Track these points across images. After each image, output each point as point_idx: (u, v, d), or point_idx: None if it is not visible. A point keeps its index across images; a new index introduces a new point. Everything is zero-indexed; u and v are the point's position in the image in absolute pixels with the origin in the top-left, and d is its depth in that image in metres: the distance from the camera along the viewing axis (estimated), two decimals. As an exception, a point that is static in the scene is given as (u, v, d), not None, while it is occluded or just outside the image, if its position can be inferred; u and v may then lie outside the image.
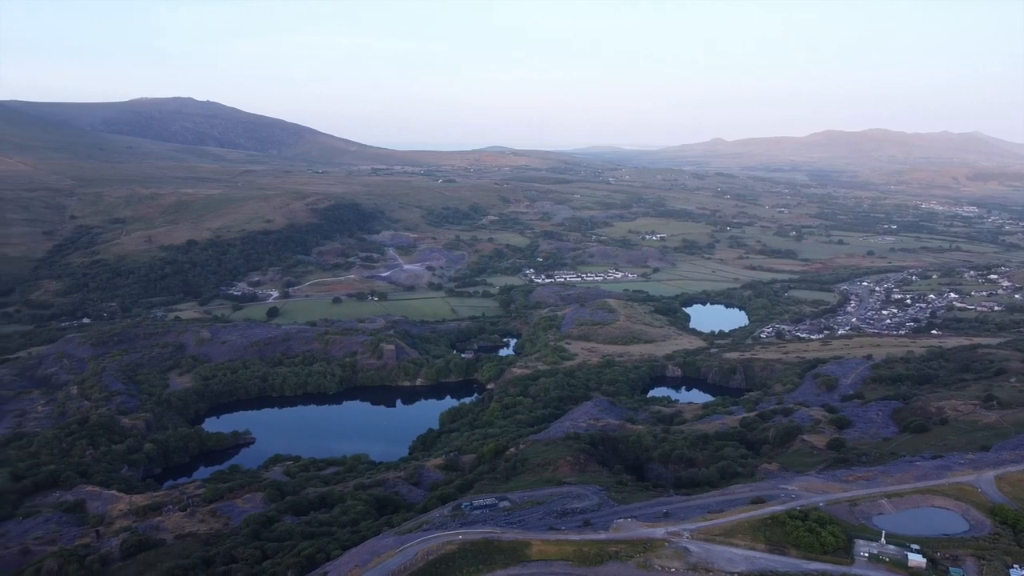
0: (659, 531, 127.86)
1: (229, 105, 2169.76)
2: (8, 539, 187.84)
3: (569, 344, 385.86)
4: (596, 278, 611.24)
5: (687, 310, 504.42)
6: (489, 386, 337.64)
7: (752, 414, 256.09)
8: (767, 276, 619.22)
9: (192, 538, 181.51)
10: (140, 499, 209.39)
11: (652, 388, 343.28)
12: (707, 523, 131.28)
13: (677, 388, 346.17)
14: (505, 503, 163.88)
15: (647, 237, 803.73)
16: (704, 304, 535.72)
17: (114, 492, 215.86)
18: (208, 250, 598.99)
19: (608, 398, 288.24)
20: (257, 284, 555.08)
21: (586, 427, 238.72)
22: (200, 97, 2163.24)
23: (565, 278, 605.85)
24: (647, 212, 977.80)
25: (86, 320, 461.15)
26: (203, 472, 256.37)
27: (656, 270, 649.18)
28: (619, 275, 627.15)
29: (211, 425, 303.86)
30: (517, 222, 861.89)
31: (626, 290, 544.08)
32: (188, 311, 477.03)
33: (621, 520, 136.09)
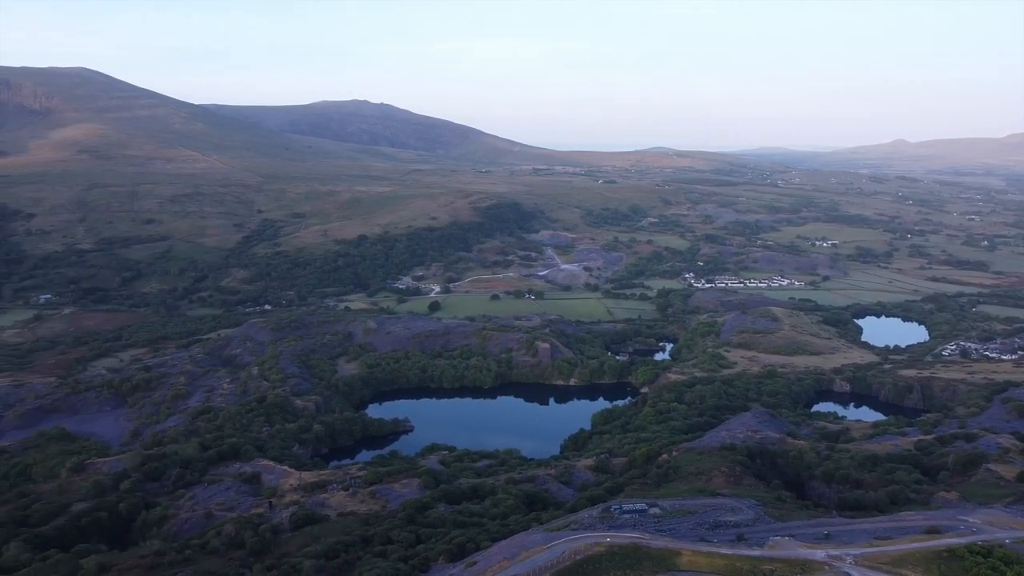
0: (819, 553, 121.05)
1: (401, 107, 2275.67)
2: (195, 502, 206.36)
3: (728, 352, 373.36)
4: (759, 284, 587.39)
5: (859, 322, 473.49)
6: (643, 390, 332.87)
7: (929, 437, 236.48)
8: (952, 289, 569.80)
9: (353, 516, 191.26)
10: (308, 476, 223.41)
11: (816, 402, 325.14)
12: (873, 549, 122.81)
13: (844, 404, 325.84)
14: (655, 509, 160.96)
15: (817, 243, 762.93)
16: (878, 316, 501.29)
17: (286, 467, 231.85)
18: (377, 245, 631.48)
19: (768, 410, 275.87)
20: (420, 279, 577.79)
21: (743, 438, 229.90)
22: (375, 100, 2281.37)
23: (726, 283, 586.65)
24: (818, 217, 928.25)
25: (267, 306, 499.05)
26: (365, 455, 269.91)
27: (826, 278, 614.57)
28: (784, 282, 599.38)
29: (374, 411, 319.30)
30: (677, 224, 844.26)
31: (792, 298, 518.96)
32: (357, 302, 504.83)
33: (778, 538, 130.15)
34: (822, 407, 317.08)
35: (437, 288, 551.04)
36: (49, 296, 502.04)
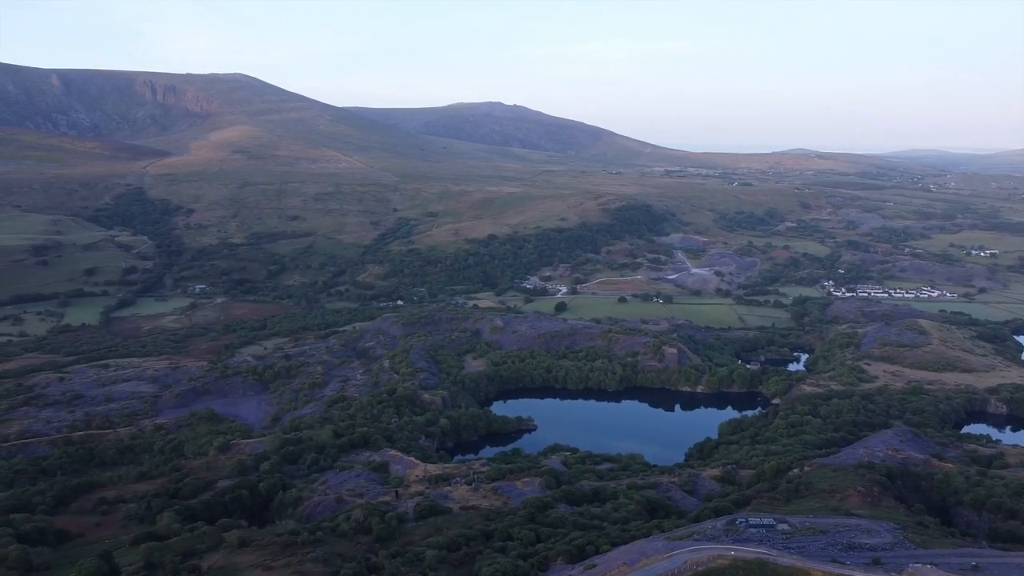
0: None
1: (533, 109, 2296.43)
2: (327, 487, 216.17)
3: (868, 365, 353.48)
4: (906, 295, 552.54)
5: (1020, 339, 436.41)
6: (774, 401, 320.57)
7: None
8: None
9: (475, 511, 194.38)
10: (433, 468, 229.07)
11: (967, 424, 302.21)
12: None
13: (1000, 427, 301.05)
14: (784, 526, 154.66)
15: (973, 252, 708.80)
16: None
17: (412, 459, 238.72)
18: (506, 244, 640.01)
19: (911, 429, 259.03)
20: (548, 279, 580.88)
21: (883, 457, 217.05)
22: (508, 102, 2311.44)
23: (868, 293, 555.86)
24: (975, 224, 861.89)
25: (399, 302, 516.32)
26: (488, 451, 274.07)
27: (982, 290, 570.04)
28: (935, 293, 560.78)
29: (498, 408, 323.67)
30: (817, 230, 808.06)
31: (942, 311, 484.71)
32: (485, 300, 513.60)
33: (918, 565, 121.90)
34: (973, 429, 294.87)
35: (564, 289, 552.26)
36: (204, 286, 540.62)
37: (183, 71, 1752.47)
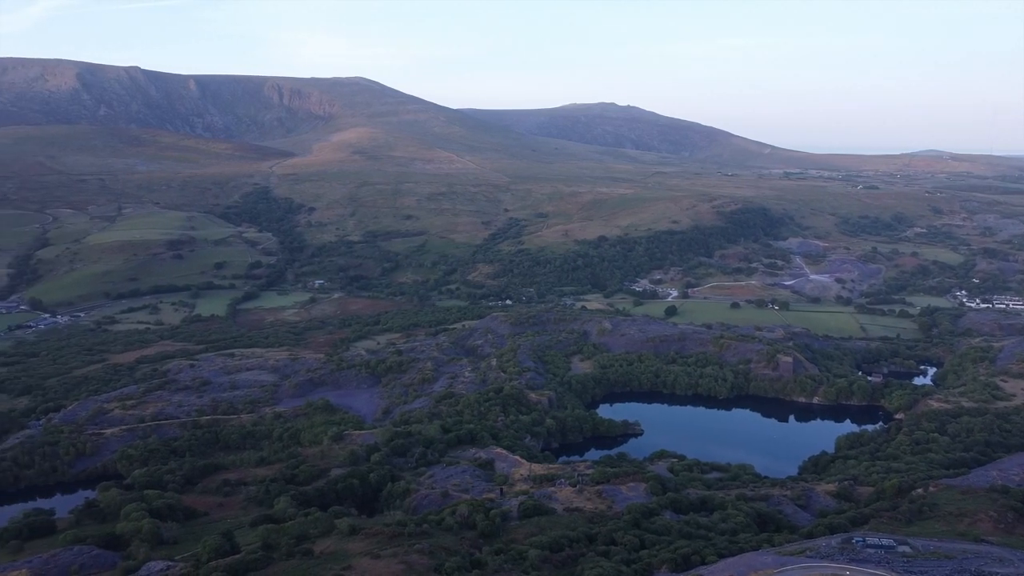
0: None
1: (647, 109, 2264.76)
2: (434, 481, 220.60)
3: (1005, 382, 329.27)
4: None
5: None
6: (897, 416, 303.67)
7: None
8: None
9: (578, 513, 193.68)
10: (538, 468, 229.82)
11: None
12: None
13: None
14: (905, 548, 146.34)
15: None
16: None
17: (518, 458, 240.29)
18: (616, 246, 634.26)
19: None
20: (658, 282, 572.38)
21: (1019, 481, 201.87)
22: (621, 102, 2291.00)
23: (1007, 304, 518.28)
24: None
25: (508, 301, 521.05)
26: (593, 454, 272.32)
27: None
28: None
29: (604, 411, 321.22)
30: (949, 236, 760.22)
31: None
32: (593, 302, 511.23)
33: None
34: None
35: (674, 292, 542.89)
36: (322, 281, 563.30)
37: (308, 75, 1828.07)
